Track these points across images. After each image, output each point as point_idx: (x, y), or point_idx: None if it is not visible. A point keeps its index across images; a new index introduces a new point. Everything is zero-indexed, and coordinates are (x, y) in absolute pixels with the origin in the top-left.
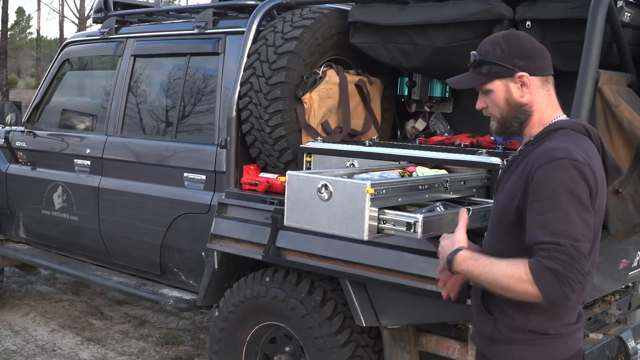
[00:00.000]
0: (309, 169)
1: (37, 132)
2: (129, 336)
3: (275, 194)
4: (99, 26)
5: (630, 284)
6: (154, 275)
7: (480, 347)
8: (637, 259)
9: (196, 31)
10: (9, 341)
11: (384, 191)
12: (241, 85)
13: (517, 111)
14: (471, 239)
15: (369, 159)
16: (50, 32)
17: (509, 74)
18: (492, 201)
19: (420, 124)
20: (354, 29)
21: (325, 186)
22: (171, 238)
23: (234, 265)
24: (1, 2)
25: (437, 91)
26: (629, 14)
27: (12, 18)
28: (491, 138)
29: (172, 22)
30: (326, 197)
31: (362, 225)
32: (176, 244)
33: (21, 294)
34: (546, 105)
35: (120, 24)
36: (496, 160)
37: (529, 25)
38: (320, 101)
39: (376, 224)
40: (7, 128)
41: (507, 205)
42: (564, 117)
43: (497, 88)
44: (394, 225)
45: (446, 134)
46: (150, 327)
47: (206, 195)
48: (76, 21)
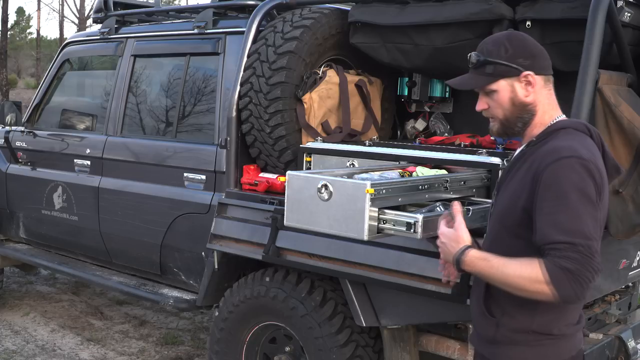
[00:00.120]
0: (309, 169)
1: (37, 132)
2: (129, 336)
3: (275, 194)
4: (99, 26)
5: (630, 284)
6: (154, 275)
7: (480, 349)
8: (637, 259)
9: (196, 31)
10: (9, 341)
11: (384, 191)
12: (241, 85)
13: (521, 111)
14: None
15: (369, 159)
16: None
17: (515, 73)
18: (491, 201)
19: (420, 124)
20: (354, 29)
21: (325, 186)
22: (171, 238)
23: (234, 265)
24: (1, 2)
25: (437, 91)
26: (629, 14)
27: (12, 18)
28: (491, 138)
29: (172, 22)
30: (326, 197)
31: (362, 225)
32: (176, 244)
33: (21, 294)
34: (548, 105)
35: (120, 24)
36: (496, 160)
37: (529, 25)
38: (320, 101)
39: (376, 224)
40: (7, 128)
41: (512, 205)
42: (563, 117)
43: (501, 88)
44: (394, 225)
45: (446, 134)
46: (150, 327)
47: (206, 195)
48: (76, 21)
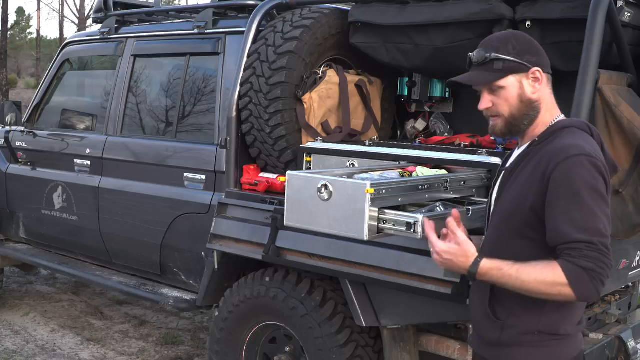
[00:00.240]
0: (309, 169)
1: (37, 132)
2: (129, 336)
3: (275, 194)
4: (99, 26)
5: (630, 284)
6: (154, 275)
7: (481, 351)
8: (637, 259)
9: (196, 31)
10: (9, 341)
11: (384, 191)
12: (241, 85)
13: (528, 108)
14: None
15: (369, 159)
16: (50, 32)
17: (524, 69)
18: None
19: (420, 124)
20: (354, 29)
21: (325, 186)
22: (171, 238)
23: (234, 265)
24: (1, 2)
25: (437, 91)
26: (629, 14)
27: (12, 18)
28: (491, 138)
29: (172, 22)
30: (326, 197)
31: (362, 225)
32: (176, 244)
33: (21, 294)
34: (550, 104)
35: (120, 24)
36: (496, 160)
37: (529, 25)
38: (320, 101)
39: (376, 224)
40: (7, 128)
41: (519, 205)
42: (563, 116)
43: (510, 84)
44: (394, 225)
45: (446, 134)
46: (150, 327)
47: (206, 195)
48: (76, 21)
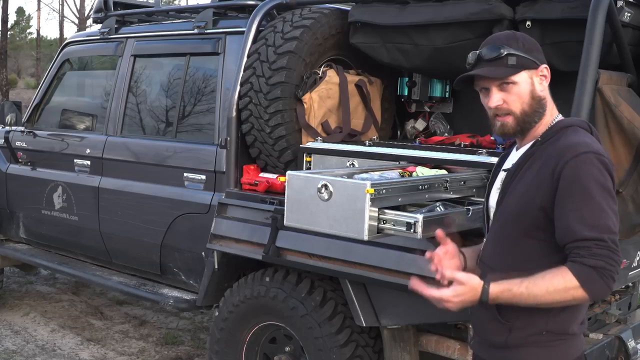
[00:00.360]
0: (309, 169)
1: (37, 132)
2: (129, 336)
3: (275, 194)
4: (99, 26)
5: (630, 284)
6: (154, 275)
7: (485, 354)
8: (637, 259)
9: (196, 31)
10: (9, 341)
11: (384, 191)
12: (241, 85)
13: (538, 105)
14: (470, 239)
15: (369, 159)
16: (50, 32)
17: (534, 66)
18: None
19: (420, 124)
20: (354, 29)
21: (325, 186)
22: (171, 238)
23: (234, 265)
24: (1, 2)
25: (437, 91)
26: (629, 14)
27: (12, 18)
28: (491, 138)
29: (172, 22)
30: (326, 197)
31: (362, 225)
32: (176, 244)
33: (21, 294)
34: (551, 103)
35: (120, 24)
36: (496, 160)
37: (529, 25)
38: (320, 101)
39: (376, 224)
40: (7, 128)
41: (527, 206)
42: (561, 116)
43: (523, 80)
44: (394, 225)
45: (446, 134)
46: (150, 327)
47: (206, 195)
48: (76, 21)
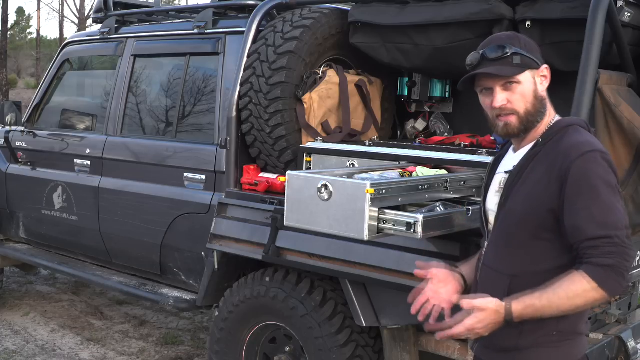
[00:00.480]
0: (309, 169)
1: (37, 132)
2: (129, 336)
3: (275, 194)
4: (99, 26)
5: (630, 284)
6: (154, 275)
7: (489, 358)
8: (637, 259)
9: (196, 31)
10: (9, 341)
11: (384, 191)
12: (241, 85)
13: (540, 105)
14: (470, 239)
15: (369, 159)
16: (50, 32)
17: (536, 66)
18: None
19: (420, 124)
20: (354, 29)
21: (325, 186)
22: (171, 238)
23: (234, 265)
24: (1, 2)
25: (437, 91)
26: (629, 14)
27: (12, 18)
28: (491, 138)
29: (172, 22)
30: (326, 197)
31: (362, 225)
32: (176, 244)
33: (21, 294)
34: (549, 103)
35: (120, 24)
36: None
37: (529, 25)
38: (320, 101)
39: (376, 224)
40: (7, 128)
41: (534, 207)
42: (558, 116)
43: (526, 80)
44: (394, 225)
45: (446, 134)
46: (150, 327)
47: (206, 195)
48: (76, 21)
